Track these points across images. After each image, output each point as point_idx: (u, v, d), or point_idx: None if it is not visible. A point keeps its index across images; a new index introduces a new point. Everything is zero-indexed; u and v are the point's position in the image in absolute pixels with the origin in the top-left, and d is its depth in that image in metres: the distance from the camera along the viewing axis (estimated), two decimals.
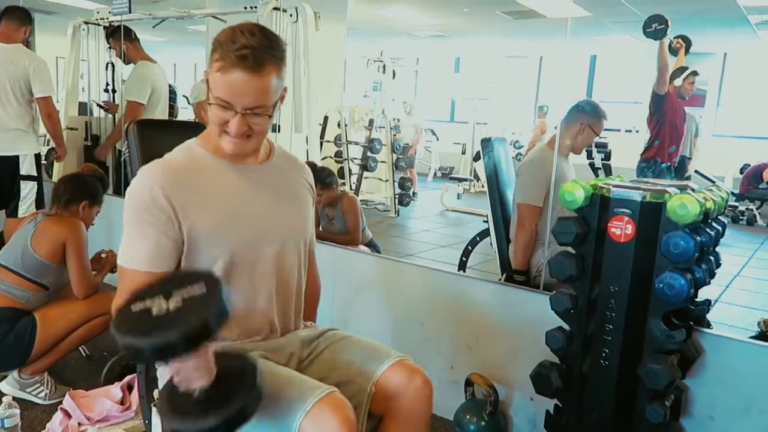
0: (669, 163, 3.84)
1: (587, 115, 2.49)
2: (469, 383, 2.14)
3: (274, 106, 1.22)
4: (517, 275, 2.47)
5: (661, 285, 1.55)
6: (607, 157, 7.04)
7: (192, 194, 1.22)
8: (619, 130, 8.54)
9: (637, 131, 8.31)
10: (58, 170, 4.78)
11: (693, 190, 1.68)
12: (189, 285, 0.97)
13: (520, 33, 8.21)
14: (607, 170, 6.59)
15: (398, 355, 1.35)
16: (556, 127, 2.66)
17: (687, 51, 4.01)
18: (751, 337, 2.49)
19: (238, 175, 1.30)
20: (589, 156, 6.97)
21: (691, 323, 1.71)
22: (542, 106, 7.99)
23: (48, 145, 6.27)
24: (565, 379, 1.74)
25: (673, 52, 3.89)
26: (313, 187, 1.51)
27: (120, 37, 4.09)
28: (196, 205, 1.22)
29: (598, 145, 7.15)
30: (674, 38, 3.89)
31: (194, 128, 1.47)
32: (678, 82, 3.86)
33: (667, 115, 3.86)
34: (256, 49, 1.13)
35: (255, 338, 1.33)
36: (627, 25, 7.03)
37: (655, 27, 3.64)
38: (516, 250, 2.49)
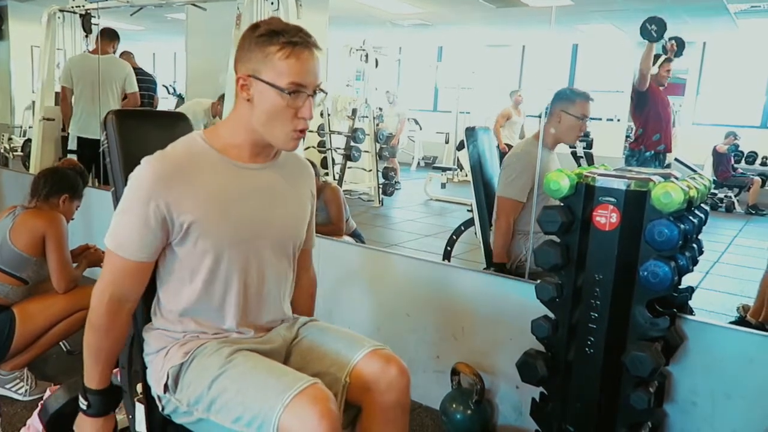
0: (653, 152, 3.87)
1: (561, 102, 2.43)
2: (455, 372, 2.14)
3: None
4: (495, 268, 2.46)
5: (646, 273, 1.56)
6: (589, 145, 7.09)
7: (188, 189, 1.21)
8: (600, 119, 8.59)
9: (619, 120, 8.38)
10: (35, 162, 4.68)
11: (677, 178, 1.69)
12: None
13: (502, 22, 8.20)
14: (590, 159, 6.64)
15: (373, 344, 1.33)
16: (539, 116, 2.63)
17: (680, 53, 3.99)
18: (731, 323, 2.54)
19: (238, 174, 1.28)
20: (572, 145, 7.02)
21: (675, 310, 1.72)
22: (513, 91, 7.66)
23: (24, 136, 6.16)
24: (550, 367, 1.75)
25: (664, 50, 3.87)
26: (315, 194, 1.49)
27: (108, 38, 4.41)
28: (191, 201, 1.21)
29: None
30: (669, 40, 3.84)
31: (174, 118, 1.43)
32: (654, 69, 3.87)
33: (650, 105, 3.89)
34: (304, 32, 1.20)
35: (242, 334, 1.31)
36: (609, 14, 7.06)
37: (653, 30, 3.60)
38: (495, 243, 2.47)
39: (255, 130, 1.25)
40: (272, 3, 3.60)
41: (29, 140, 5.22)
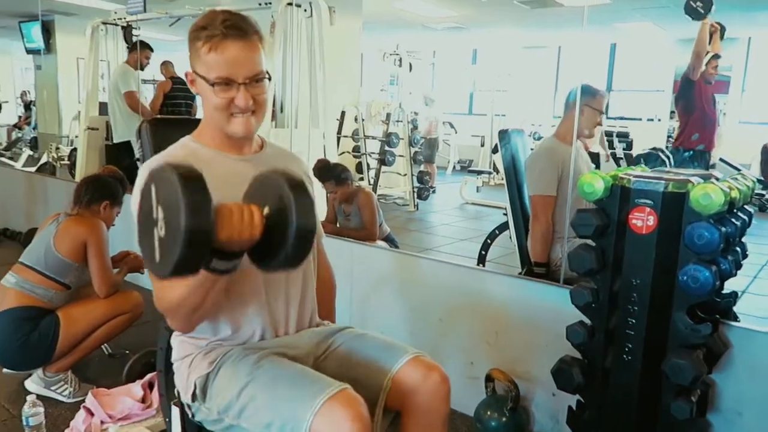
0: (692, 151, 3.75)
1: (583, 96, 2.44)
2: (489, 379, 2.11)
3: (267, 74, 1.23)
4: (537, 267, 2.43)
5: (685, 277, 1.51)
6: (629, 146, 6.93)
7: None
8: (641, 119, 8.39)
9: (660, 120, 8.16)
10: (80, 170, 4.85)
11: (717, 179, 1.63)
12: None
13: (537, 23, 8.09)
14: (629, 160, 6.49)
15: (414, 351, 1.33)
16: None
17: (722, 37, 3.88)
18: None
19: (235, 164, 1.29)
20: (611, 146, 6.86)
21: (717, 316, 1.66)
22: None
23: (71, 145, 6.39)
24: (586, 374, 1.71)
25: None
26: (311, 177, 1.50)
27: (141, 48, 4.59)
28: None
29: (619, 135, 7.04)
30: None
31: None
32: (704, 67, 3.76)
33: (696, 102, 3.77)
34: (237, 20, 1.18)
35: (260, 333, 1.32)
36: (648, 11, 6.89)
37: (697, 5, 3.49)
38: (533, 243, 2.46)
39: (215, 121, 1.26)
40: (305, 10, 3.66)
41: (75, 149, 5.41)
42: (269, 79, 1.24)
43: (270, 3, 3.57)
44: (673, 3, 6.03)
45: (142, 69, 4.74)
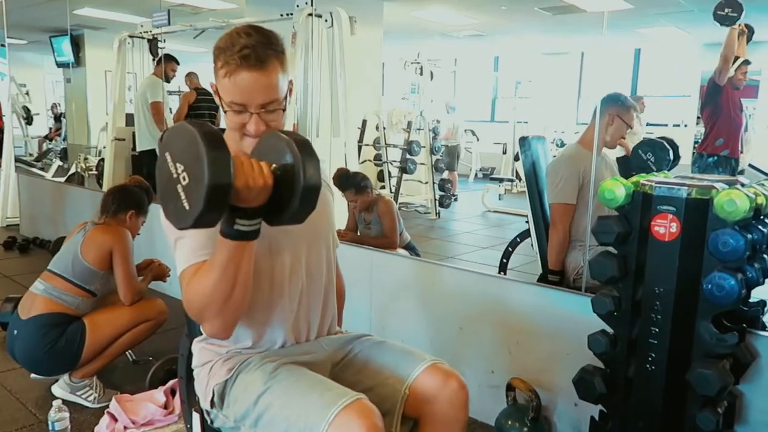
0: (717, 157, 3.67)
1: (616, 106, 2.43)
2: (510, 388, 2.09)
3: (285, 99, 1.23)
4: (551, 275, 2.42)
5: (710, 286, 1.48)
6: None
7: None
8: (666, 125, 8.25)
9: (686, 125, 8.02)
10: (107, 180, 4.95)
11: (742, 184, 1.60)
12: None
13: (559, 29, 8.03)
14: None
15: (432, 358, 1.33)
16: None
17: (749, 40, 3.80)
18: None
19: None
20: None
21: (744, 325, 1.62)
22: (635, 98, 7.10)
23: (99, 155, 6.53)
24: (609, 384, 1.68)
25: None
26: (331, 186, 1.51)
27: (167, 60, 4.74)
28: None
29: None
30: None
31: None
32: (731, 72, 3.68)
33: (723, 107, 3.70)
34: (256, 48, 1.15)
35: (284, 342, 1.33)
36: (672, 16, 6.79)
37: (727, 12, 3.42)
38: (549, 251, 2.44)
39: (232, 137, 1.26)
40: (326, 21, 3.69)
41: (103, 159, 5.52)
42: (284, 109, 1.23)
43: (291, 14, 3.61)
44: (698, 7, 5.95)
45: (168, 81, 4.84)
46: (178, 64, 4.95)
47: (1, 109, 7.11)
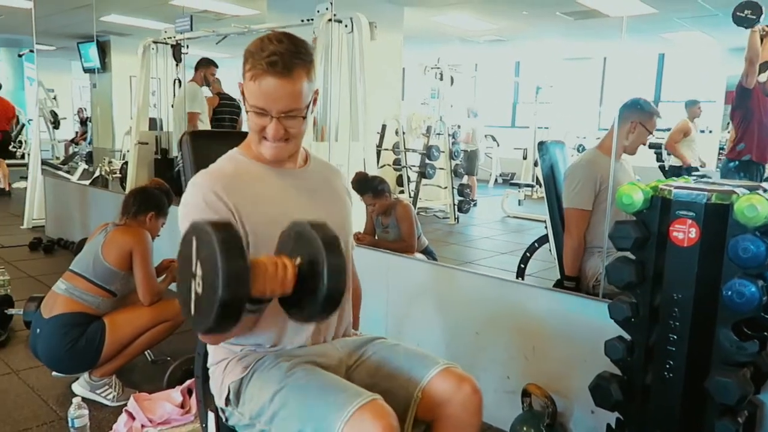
0: (738, 162, 3.60)
1: (638, 113, 2.40)
2: (525, 394, 2.07)
3: (307, 108, 1.24)
4: (566, 281, 2.39)
5: (730, 292, 1.46)
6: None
7: (242, 198, 1.25)
8: None
9: (711, 131, 7.89)
10: (130, 183, 5.03)
11: (765, 190, 1.57)
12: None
13: (581, 34, 7.97)
14: (675, 172, 6.27)
15: (446, 362, 1.32)
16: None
17: None
18: None
19: (282, 179, 1.33)
20: (659, 158, 6.66)
21: (766, 333, 1.59)
22: (691, 102, 6.36)
23: (123, 160, 6.64)
24: (626, 391, 1.66)
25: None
26: (350, 191, 1.52)
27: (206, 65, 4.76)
28: (247, 208, 1.25)
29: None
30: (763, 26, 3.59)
31: (243, 138, 1.51)
32: (762, 77, 3.60)
33: (753, 112, 3.62)
34: (284, 55, 1.17)
35: (301, 344, 1.34)
36: (697, 20, 6.69)
37: (747, 14, 3.36)
38: (565, 256, 2.41)
39: (253, 140, 1.29)
40: (346, 26, 3.71)
41: (126, 163, 5.62)
42: (305, 117, 1.25)
43: (312, 19, 3.65)
44: (723, 11, 5.85)
45: (207, 85, 4.88)
46: (216, 67, 4.92)
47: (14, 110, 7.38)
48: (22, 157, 9.95)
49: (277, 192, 1.31)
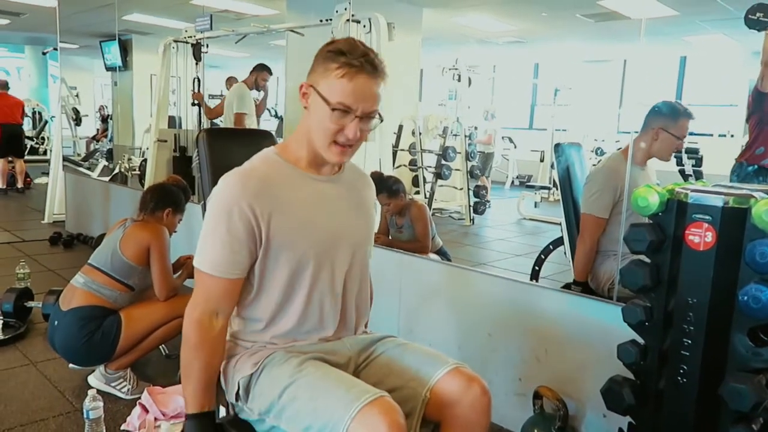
0: (757, 166, 3.54)
1: (661, 118, 2.31)
2: (537, 396, 2.06)
3: (380, 114, 1.27)
4: (574, 285, 2.38)
5: (746, 297, 1.43)
6: (699, 163, 6.62)
7: (273, 201, 1.26)
8: (711, 135, 8.01)
9: (732, 136, 7.77)
10: (149, 180, 5.10)
11: None
12: None
13: (601, 36, 7.90)
14: (699, 177, 6.20)
15: (455, 362, 1.32)
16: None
17: None
18: None
19: (314, 185, 1.34)
20: (679, 162, 6.58)
21: None
22: None
23: (142, 157, 6.74)
24: (638, 395, 1.64)
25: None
26: (377, 203, 1.54)
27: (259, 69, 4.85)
28: (277, 213, 1.26)
29: (688, 151, 6.73)
30: None
31: (260, 136, 1.52)
32: None
33: (766, 116, 3.56)
34: (374, 58, 1.22)
35: (312, 338, 1.35)
36: (719, 23, 6.60)
37: (759, 16, 3.30)
38: (576, 260, 2.39)
39: (312, 140, 1.29)
40: (364, 26, 3.72)
41: (145, 160, 5.70)
42: (381, 120, 1.27)
43: (330, 19, 3.66)
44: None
45: (258, 89, 4.92)
46: (270, 74, 4.95)
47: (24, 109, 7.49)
48: (44, 153, 10.13)
49: (306, 197, 1.32)
